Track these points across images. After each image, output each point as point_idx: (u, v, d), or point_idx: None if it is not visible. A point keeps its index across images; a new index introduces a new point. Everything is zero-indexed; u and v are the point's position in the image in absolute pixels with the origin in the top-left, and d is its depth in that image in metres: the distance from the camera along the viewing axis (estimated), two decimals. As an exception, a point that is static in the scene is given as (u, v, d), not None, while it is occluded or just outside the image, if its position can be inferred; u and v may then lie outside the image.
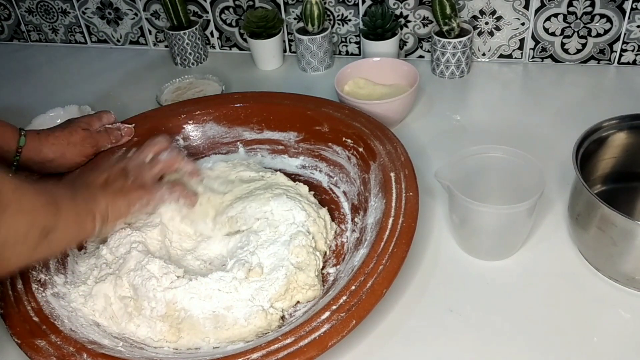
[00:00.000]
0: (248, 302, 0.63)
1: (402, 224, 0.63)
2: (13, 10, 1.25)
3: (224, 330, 0.62)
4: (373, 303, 0.57)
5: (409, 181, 0.69)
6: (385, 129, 0.78)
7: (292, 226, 0.69)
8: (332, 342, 0.54)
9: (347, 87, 0.94)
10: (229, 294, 0.63)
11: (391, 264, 0.59)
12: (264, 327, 0.62)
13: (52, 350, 0.56)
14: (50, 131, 0.76)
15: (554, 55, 1.03)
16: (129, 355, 0.58)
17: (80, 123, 0.79)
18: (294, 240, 0.67)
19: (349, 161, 0.79)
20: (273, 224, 0.70)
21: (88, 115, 0.82)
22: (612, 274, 0.65)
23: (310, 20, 1.04)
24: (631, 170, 0.72)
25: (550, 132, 0.88)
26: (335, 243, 0.73)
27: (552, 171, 0.79)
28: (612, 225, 0.60)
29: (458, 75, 1.03)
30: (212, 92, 1.01)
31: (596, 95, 0.95)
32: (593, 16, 0.96)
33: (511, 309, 0.64)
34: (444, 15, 0.97)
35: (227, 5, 1.12)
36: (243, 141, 0.88)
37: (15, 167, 0.74)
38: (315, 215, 0.72)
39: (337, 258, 0.71)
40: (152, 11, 1.18)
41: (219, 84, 1.02)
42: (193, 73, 1.09)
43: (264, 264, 0.66)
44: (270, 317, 0.62)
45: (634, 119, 0.69)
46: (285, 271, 0.65)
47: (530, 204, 0.63)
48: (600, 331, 0.61)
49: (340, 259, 0.71)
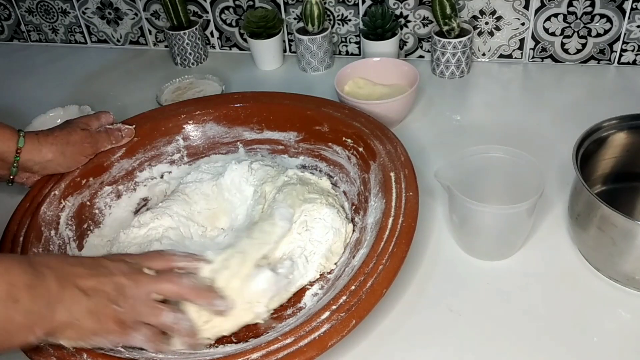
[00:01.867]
0: None
1: (402, 223, 0.63)
2: (13, 10, 1.25)
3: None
4: (373, 303, 0.57)
5: (409, 181, 0.69)
6: (385, 129, 0.78)
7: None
8: (332, 342, 0.54)
9: (347, 87, 0.94)
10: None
11: (391, 264, 0.59)
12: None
13: (52, 351, 0.56)
14: (49, 131, 0.76)
15: (554, 55, 1.03)
16: (129, 356, 0.58)
17: (79, 123, 0.79)
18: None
19: (349, 161, 0.79)
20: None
21: (87, 116, 0.82)
22: (612, 274, 0.65)
23: (310, 20, 1.04)
24: (631, 170, 0.72)
25: (550, 132, 0.88)
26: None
27: (552, 171, 0.79)
28: (612, 225, 0.60)
29: (458, 75, 1.03)
30: (212, 92, 1.01)
31: (596, 95, 0.95)
32: (593, 16, 0.96)
33: (511, 309, 0.64)
34: (444, 15, 0.97)
35: (227, 5, 1.12)
36: (243, 141, 0.88)
37: (15, 168, 0.74)
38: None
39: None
40: (152, 11, 1.18)
41: (219, 84, 1.02)
42: (193, 73, 1.09)
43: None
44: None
45: (634, 119, 0.69)
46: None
47: (530, 204, 0.63)
48: (600, 331, 0.61)
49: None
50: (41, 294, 0.50)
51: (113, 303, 0.54)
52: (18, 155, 0.73)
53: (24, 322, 0.49)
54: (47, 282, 0.51)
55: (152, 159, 0.85)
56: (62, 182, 0.76)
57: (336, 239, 0.69)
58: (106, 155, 0.81)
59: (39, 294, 0.50)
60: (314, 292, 0.67)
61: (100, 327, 0.54)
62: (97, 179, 0.80)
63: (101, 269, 0.55)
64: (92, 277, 0.54)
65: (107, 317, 0.54)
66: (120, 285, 0.55)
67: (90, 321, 0.53)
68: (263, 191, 0.75)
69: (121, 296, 0.55)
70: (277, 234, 0.68)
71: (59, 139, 0.75)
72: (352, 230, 0.72)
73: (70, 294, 0.52)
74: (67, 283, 0.52)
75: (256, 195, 0.75)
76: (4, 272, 0.48)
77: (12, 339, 0.49)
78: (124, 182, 0.83)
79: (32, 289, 0.49)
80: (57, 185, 0.76)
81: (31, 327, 0.50)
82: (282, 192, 0.73)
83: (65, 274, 0.53)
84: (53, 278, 0.51)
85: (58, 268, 0.53)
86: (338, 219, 0.70)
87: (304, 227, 0.69)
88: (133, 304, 0.56)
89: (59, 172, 0.77)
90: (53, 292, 0.51)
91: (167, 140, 0.86)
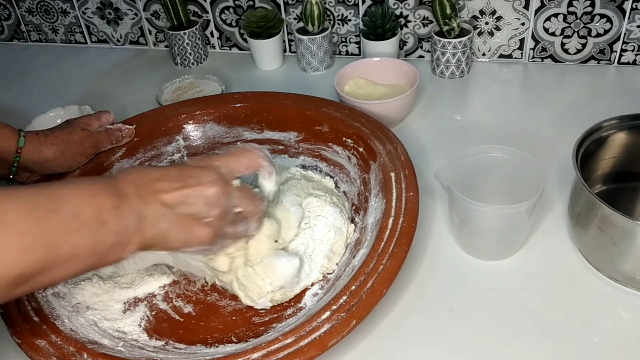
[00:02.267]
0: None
1: (402, 224, 0.63)
2: (13, 10, 1.25)
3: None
4: (373, 303, 0.57)
5: (409, 181, 0.69)
6: (386, 129, 0.78)
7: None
8: (332, 342, 0.54)
9: (347, 87, 0.94)
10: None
11: (391, 264, 0.59)
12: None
13: (53, 350, 0.56)
14: (50, 131, 0.76)
15: (554, 55, 1.03)
16: (129, 355, 0.58)
17: (79, 123, 0.79)
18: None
19: (349, 161, 0.79)
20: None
21: (87, 116, 0.82)
22: (612, 274, 0.65)
23: (310, 20, 1.04)
24: (631, 170, 0.72)
25: (550, 132, 0.88)
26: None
27: (552, 171, 0.79)
28: (612, 225, 0.60)
29: (458, 75, 1.03)
30: (212, 92, 1.01)
31: (596, 95, 0.95)
32: (593, 16, 0.97)
33: (511, 309, 0.64)
34: (444, 15, 0.97)
35: (227, 5, 1.12)
36: (243, 141, 0.87)
37: (15, 167, 0.74)
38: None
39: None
40: (152, 11, 1.18)
41: (219, 83, 1.02)
42: (193, 73, 1.09)
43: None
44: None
45: (634, 119, 0.69)
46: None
47: (530, 204, 0.63)
48: (600, 331, 0.61)
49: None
50: (126, 213, 0.50)
51: (202, 214, 0.55)
52: (18, 155, 0.73)
53: (114, 241, 0.50)
54: (131, 201, 0.51)
55: (153, 159, 0.85)
56: (62, 182, 0.76)
57: (337, 238, 0.69)
58: (106, 155, 0.81)
59: (125, 213, 0.50)
60: (314, 292, 0.67)
61: (189, 239, 0.55)
62: (97, 178, 0.80)
63: (189, 180, 0.54)
64: (177, 190, 0.53)
65: (195, 228, 0.55)
66: (209, 197, 0.55)
67: (178, 233, 0.54)
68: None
69: (210, 207, 0.55)
70: (292, 219, 0.68)
71: (60, 139, 0.75)
72: (353, 231, 0.72)
73: (154, 210, 0.52)
74: (150, 199, 0.52)
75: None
76: (90, 197, 0.48)
77: (106, 257, 0.50)
78: (124, 182, 0.83)
79: (117, 210, 0.49)
80: (57, 185, 0.76)
81: (123, 245, 0.51)
82: (286, 184, 0.73)
83: (149, 191, 0.53)
84: (136, 196, 0.51)
85: (142, 186, 0.53)
86: (340, 218, 0.70)
87: (307, 224, 0.69)
88: (222, 211, 0.56)
89: (59, 172, 0.77)
90: (138, 210, 0.51)
91: (167, 140, 0.86)
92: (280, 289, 0.65)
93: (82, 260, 0.48)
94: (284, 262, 0.64)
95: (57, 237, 0.46)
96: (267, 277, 0.64)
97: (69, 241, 0.47)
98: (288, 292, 0.66)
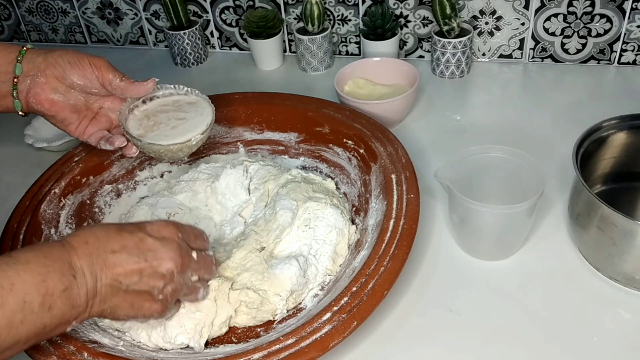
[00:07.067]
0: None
1: (403, 225, 0.63)
2: (13, 10, 1.25)
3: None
4: (374, 304, 0.57)
5: (410, 183, 0.69)
6: (386, 131, 0.78)
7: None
8: (333, 342, 0.54)
9: (347, 87, 0.94)
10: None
11: (392, 266, 0.60)
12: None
13: (53, 349, 0.56)
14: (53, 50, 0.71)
15: (554, 55, 1.03)
16: (130, 355, 0.58)
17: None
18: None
19: (350, 162, 0.79)
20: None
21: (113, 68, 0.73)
22: (612, 274, 0.65)
23: (310, 20, 1.04)
24: (631, 170, 0.72)
25: (550, 132, 0.88)
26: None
27: (552, 171, 0.79)
28: (612, 225, 0.60)
29: (458, 75, 1.03)
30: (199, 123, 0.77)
31: (596, 95, 0.95)
32: (593, 16, 0.97)
33: (511, 309, 0.64)
34: (444, 15, 0.97)
35: (227, 5, 1.12)
36: (243, 141, 0.88)
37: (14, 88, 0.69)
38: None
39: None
40: (152, 11, 1.18)
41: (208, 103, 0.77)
42: (193, 73, 1.09)
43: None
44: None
45: (634, 119, 0.69)
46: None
47: (530, 204, 0.63)
48: (600, 331, 0.61)
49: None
50: (76, 294, 0.49)
51: (155, 291, 0.53)
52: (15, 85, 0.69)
53: (59, 322, 0.48)
54: (83, 280, 0.49)
55: (152, 158, 0.85)
56: (62, 181, 0.76)
57: (340, 239, 0.69)
58: (106, 154, 0.81)
59: (74, 294, 0.48)
60: (315, 293, 0.67)
61: (138, 314, 0.54)
62: (97, 177, 0.80)
63: (148, 254, 0.52)
64: (134, 265, 0.52)
65: (145, 305, 0.53)
66: (165, 273, 0.53)
67: (127, 309, 0.53)
68: (266, 189, 0.75)
69: (165, 283, 0.54)
70: (278, 222, 0.69)
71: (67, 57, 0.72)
72: (354, 232, 0.72)
73: (106, 287, 0.50)
74: (105, 274, 0.50)
75: (257, 193, 0.75)
76: (40, 282, 0.46)
77: (48, 336, 0.49)
78: (124, 180, 0.83)
79: (67, 292, 0.48)
80: (57, 184, 0.76)
81: (67, 322, 0.49)
82: (285, 188, 0.73)
83: (105, 265, 0.50)
84: (89, 273, 0.49)
85: (97, 260, 0.50)
86: (341, 220, 0.70)
87: (307, 225, 0.69)
88: (176, 288, 0.55)
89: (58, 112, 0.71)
90: (90, 288, 0.49)
91: (168, 141, 0.86)
92: (291, 294, 0.65)
93: (22, 344, 0.46)
94: (283, 267, 0.65)
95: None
96: (274, 288, 0.64)
97: (10, 334, 0.45)
98: (298, 297, 0.66)
